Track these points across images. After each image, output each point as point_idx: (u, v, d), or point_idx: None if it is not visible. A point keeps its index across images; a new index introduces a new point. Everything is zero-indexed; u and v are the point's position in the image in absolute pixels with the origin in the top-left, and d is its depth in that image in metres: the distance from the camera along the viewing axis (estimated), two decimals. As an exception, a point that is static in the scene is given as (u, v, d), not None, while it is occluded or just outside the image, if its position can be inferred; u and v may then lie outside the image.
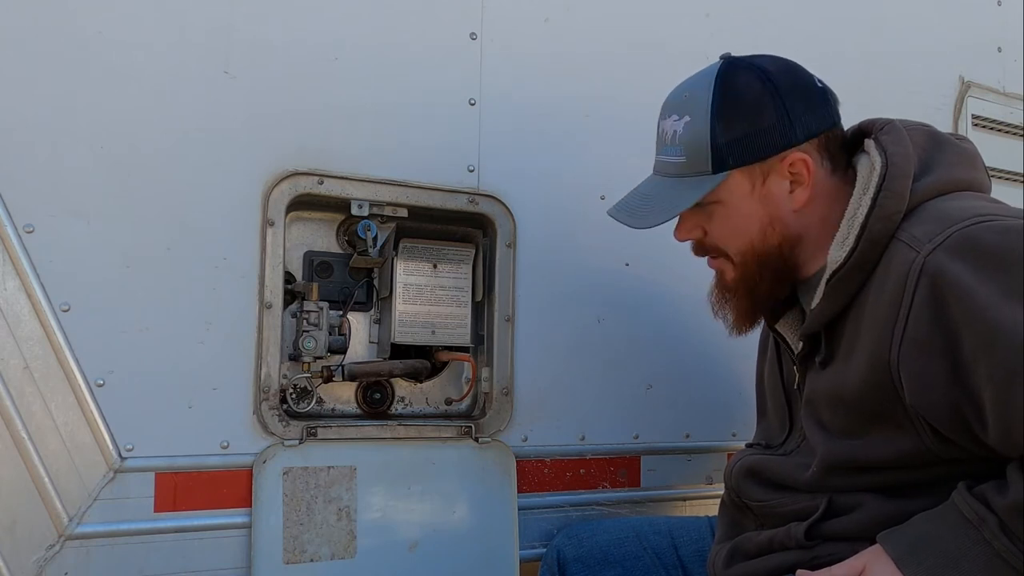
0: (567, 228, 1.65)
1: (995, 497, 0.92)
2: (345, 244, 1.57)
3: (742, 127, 1.09)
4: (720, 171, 1.10)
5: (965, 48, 2.18)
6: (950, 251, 0.94)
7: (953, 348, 0.93)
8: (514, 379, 1.59)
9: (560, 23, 1.66)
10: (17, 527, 1.23)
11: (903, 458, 1.03)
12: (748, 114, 1.09)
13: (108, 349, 1.29)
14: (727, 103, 1.09)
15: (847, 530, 1.07)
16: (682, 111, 1.13)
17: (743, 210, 1.12)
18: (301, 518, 1.40)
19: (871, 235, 1.02)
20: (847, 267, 1.04)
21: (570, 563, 1.47)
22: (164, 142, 1.35)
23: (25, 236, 1.25)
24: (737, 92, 1.09)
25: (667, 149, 1.16)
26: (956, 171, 1.08)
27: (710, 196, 1.12)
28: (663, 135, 1.17)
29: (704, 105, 1.10)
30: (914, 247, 0.98)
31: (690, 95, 1.13)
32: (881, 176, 1.03)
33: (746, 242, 1.14)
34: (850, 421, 1.07)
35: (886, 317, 0.99)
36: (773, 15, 1.87)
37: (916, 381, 0.96)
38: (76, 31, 1.30)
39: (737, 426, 1.79)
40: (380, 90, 1.50)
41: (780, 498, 1.16)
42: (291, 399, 1.47)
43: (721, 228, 1.15)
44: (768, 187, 1.11)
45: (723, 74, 1.11)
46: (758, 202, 1.12)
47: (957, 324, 0.92)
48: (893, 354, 0.98)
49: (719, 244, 1.17)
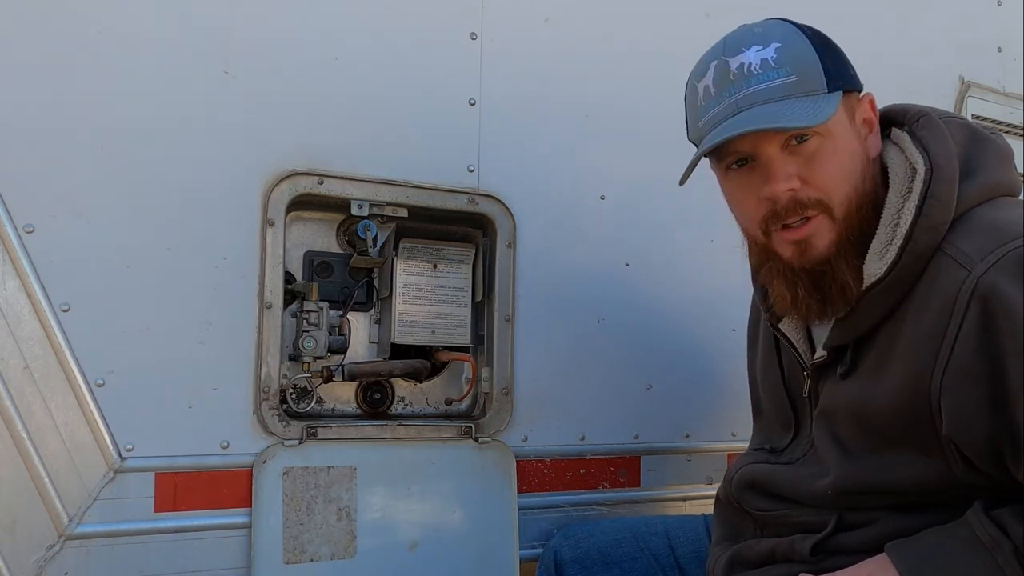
0: (567, 228, 1.65)
1: (1014, 525, 0.89)
2: (345, 244, 1.57)
3: (834, 52, 1.00)
4: (834, 91, 0.97)
5: (965, 48, 2.18)
6: (1003, 272, 0.88)
7: (998, 378, 0.88)
8: (514, 379, 1.59)
9: (560, 23, 1.66)
10: (17, 527, 1.23)
11: (926, 483, 0.98)
12: (831, 44, 1.01)
13: (108, 349, 1.29)
14: (811, 32, 1.00)
15: (857, 545, 1.02)
16: (763, 41, 0.98)
17: (848, 145, 0.99)
18: (301, 518, 1.40)
19: (916, 247, 0.94)
20: (887, 282, 0.96)
21: (567, 564, 1.46)
22: (164, 142, 1.35)
23: (25, 236, 1.25)
24: (811, 29, 1.01)
25: (763, 76, 0.97)
26: (998, 173, 1.01)
27: (819, 128, 0.96)
28: (744, 69, 0.98)
29: (791, 31, 0.99)
30: (965, 265, 0.91)
31: (763, 29, 1.01)
32: (925, 181, 0.95)
33: (852, 186, 0.98)
34: (871, 440, 1.01)
35: (929, 340, 0.92)
36: (773, 15, 1.87)
37: (957, 412, 0.91)
38: (76, 31, 1.30)
39: (737, 426, 1.79)
40: (380, 90, 1.50)
41: (784, 509, 1.12)
42: (291, 399, 1.47)
43: (825, 168, 0.98)
44: (856, 125, 1.01)
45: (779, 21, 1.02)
46: (856, 138, 1.00)
47: (1005, 352, 0.87)
48: (935, 382, 0.92)
49: (823, 190, 0.98)
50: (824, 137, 0.97)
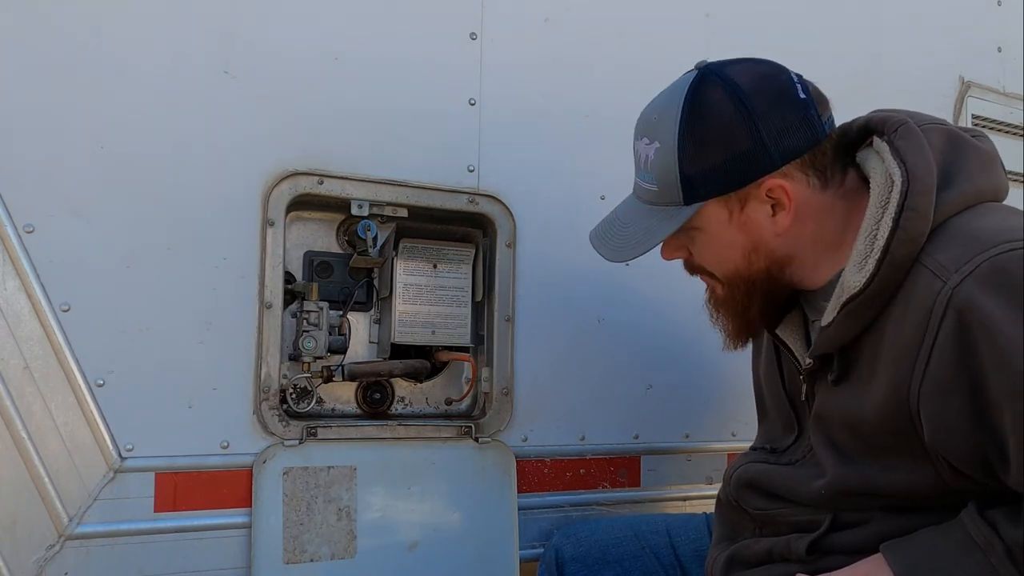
0: (567, 228, 1.65)
1: (1006, 526, 0.90)
2: (345, 244, 1.57)
3: (713, 157, 1.01)
4: (692, 203, 1.04)
5: (965, 48, 2.18)
6: (978, 282, 0.88)
7: (978, 389, 0.89)
8: (514, 379, 1.59)
9: (560, 23, 1.66)
10: (17, 527, 1.23)
11: (917, 489, 0.99)
12: (719, 142, 1.01)
13: (108, 349, 1.29)
14: (696, 130, 1.02)
15: (852, 544, 1.03)
16: (652, 135, 1.06)
17: (723, 238, 1.07)
18: (301, 518, 1.40)
19: (894, 259, 0.94)
20: (868, 293, 0.96)
21: (568, 562, 1.47)
22: (164, 142, 1.35)
23: (25, 236, 1.25)
24: (707, 117, 1.01)
25: (641, 173, 1.10)
26: (979, 180, 1.00)
27: (686, 225, 1.06)
28: (637, 157, 1.11)
29: (672, 131, 1.03)
30: (940, 276, 0.91)
31: (659, 118, 1.05)
32: (902, 193, 0.95)
33: (731, 268, 1.09)
34: (864, 446, 1.03)
35: (907, 351, 0.93)
36: (773, 15, 1.87)
37: (937, 421, 0.92)
38: (76, 31, 1.30)
39: (737, 426, 1.79)
40: (380, 90, 1.50)
41: (781, 508, 1.13)
42: (291, 399, 1.47)
43: (703, 254, 1.11)
44: (747, 214, 1.04)
45: (693, 93, 1.03)
46: (738, 230, 1.06)
47: (984, 364, 0.87)
48: (913, 392, 0.93)
49: (705, 267, 1.12)
50: (699, 230, 1.08)
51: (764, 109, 1.00)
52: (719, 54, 1.15)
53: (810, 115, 1.02)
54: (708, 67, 1.06)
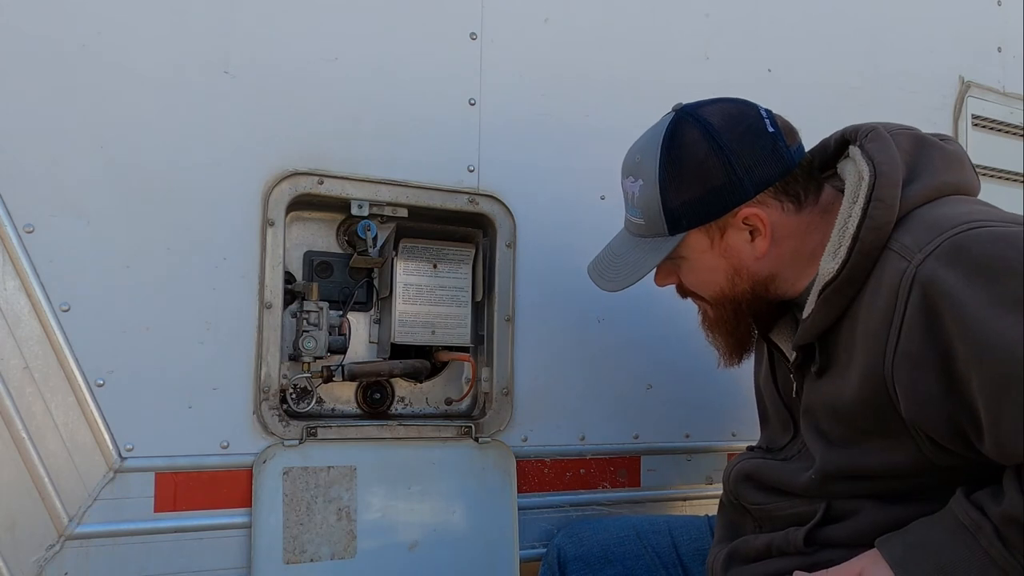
0: (567, 228, 1.65)
1: (990, 505, 0.93)
2: (345, 244, 1.57)
3: (691, 191, 1.11)
4: (676, 233, 1.14)
5: (965, 48, 2.18)
6: (941, 260, 0.94)
7: (947, 360, 0.93)
8: (514, 379, 1.59)
9: (560, 23, 1.66)
10: (17, 527, 1.23)
11: (901, 467, 1.03)
12: (696, 177, 1.10)
13: (108, 349, 1.29)
14: (674, 167, 1.11)
15: (846, 536, 1.07)
16: (636, 173, 1.17)
17: (706, 264, 1.17)
18: (301, 518, 1.40)
19: (863, 246, 1.02)
20: (839, 280, 1.03)
21: (571, 562, 1.47)
22: (164, 142, 1.35)
23: (25, 236, 1.25)
24: (684, 155, 1.11)
25: (630, 209, 1.20)
26: (944, 175, 1.08)
27: (673, 253, 1.16)
28: (625, 194, 1.21)
29: (654, 169, 1.13)
30: (905, 256, 0.98)
31: (642, 157, 1.16)
32: (870, 186, 1.03)
33: (716, 291, 1.18)
34: (848, 431, 1.08)
35: (879, 329, 0.99)
36: (773, 16, 1.87)
37: (911, 394, 0.96)
38: (76, 31, 1.30)
39: (737, 426, 1.79)
40: (380, 89, 1.50)
41: (778, 501, 1.17)
42: (291, 399, 1.47)
43: (690, 279, 1.21)
44: (727, 241, 1.14)
45: (671, 134, 1.12)
46: (719, 256, 1.15)
47: (950, 336, 0.92)
48: (887, 368, 0.98)
49: (693, 291, 1.23)
50: (685, 258, 1.18)
51: (735, 145, 1.10)
52: (719, 54, 1.16)
53: (779, 146, 1.11)
54: (684, 108, 1.15)
